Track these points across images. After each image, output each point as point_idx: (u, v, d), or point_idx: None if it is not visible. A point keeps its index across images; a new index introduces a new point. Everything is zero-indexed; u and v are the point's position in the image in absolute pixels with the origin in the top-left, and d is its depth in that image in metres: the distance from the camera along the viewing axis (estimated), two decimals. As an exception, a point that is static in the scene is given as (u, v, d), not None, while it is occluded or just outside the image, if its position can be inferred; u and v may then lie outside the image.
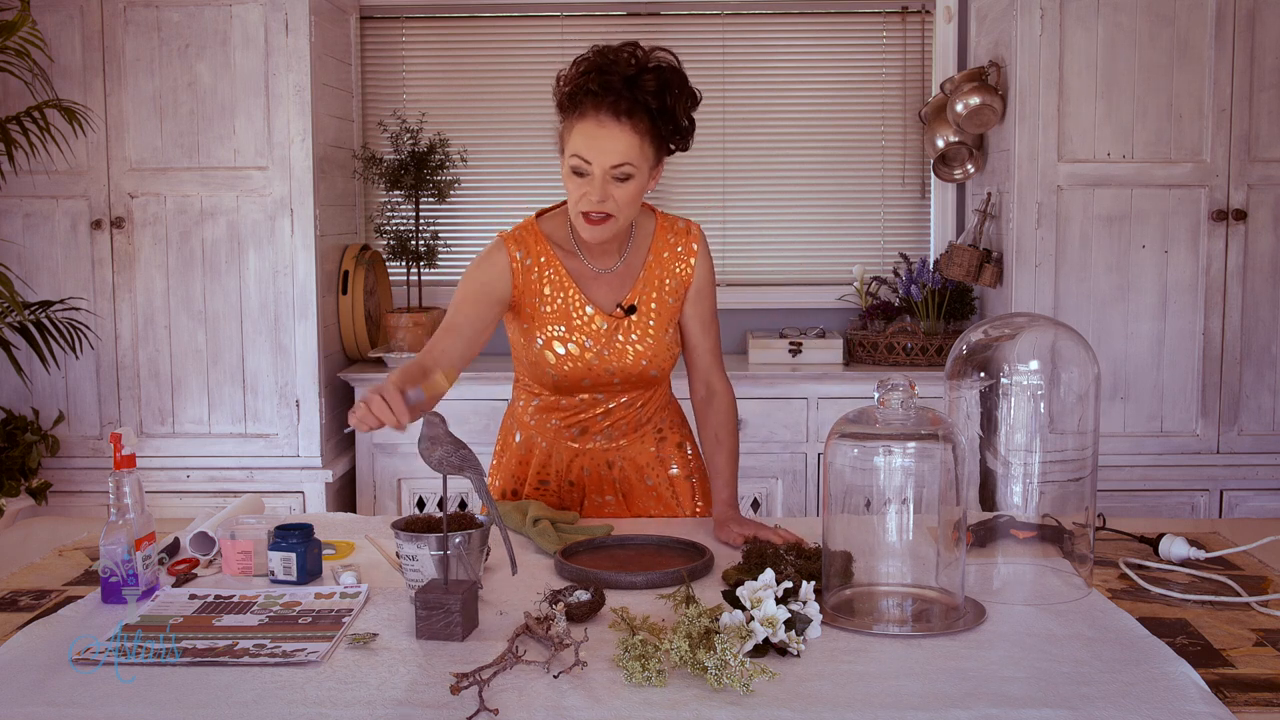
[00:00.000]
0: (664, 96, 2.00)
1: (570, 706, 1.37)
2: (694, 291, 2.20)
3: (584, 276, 2.16)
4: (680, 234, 2.21)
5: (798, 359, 3.94)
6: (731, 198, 4.28)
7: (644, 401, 2.26)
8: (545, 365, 2.15)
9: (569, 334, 2.14)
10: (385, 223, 4.03)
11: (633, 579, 1.77)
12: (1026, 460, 1.81)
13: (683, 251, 2.19)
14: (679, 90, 2.02)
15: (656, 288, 2.18)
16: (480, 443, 3.78)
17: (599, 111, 1.97)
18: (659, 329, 2.17)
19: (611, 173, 1.99)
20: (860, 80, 4.26)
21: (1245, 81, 3.56)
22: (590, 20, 4.23)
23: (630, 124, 1.98)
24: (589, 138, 1.98)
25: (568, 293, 2.14)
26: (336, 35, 3.96)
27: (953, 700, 1.37)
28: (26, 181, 3.63)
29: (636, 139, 1.99)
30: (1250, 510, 3.69)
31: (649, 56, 2.01)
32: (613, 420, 2.24)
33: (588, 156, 1.98)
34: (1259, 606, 1.70)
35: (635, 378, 2.19)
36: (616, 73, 1.97)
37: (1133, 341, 3.65)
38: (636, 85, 1.97)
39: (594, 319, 2.14)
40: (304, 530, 1.84)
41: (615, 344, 2.16)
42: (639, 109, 1.98)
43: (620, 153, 1.98)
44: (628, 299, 2.16)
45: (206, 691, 1.42)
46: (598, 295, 2.16)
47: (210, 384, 3.71)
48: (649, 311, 2.17)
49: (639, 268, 2.18)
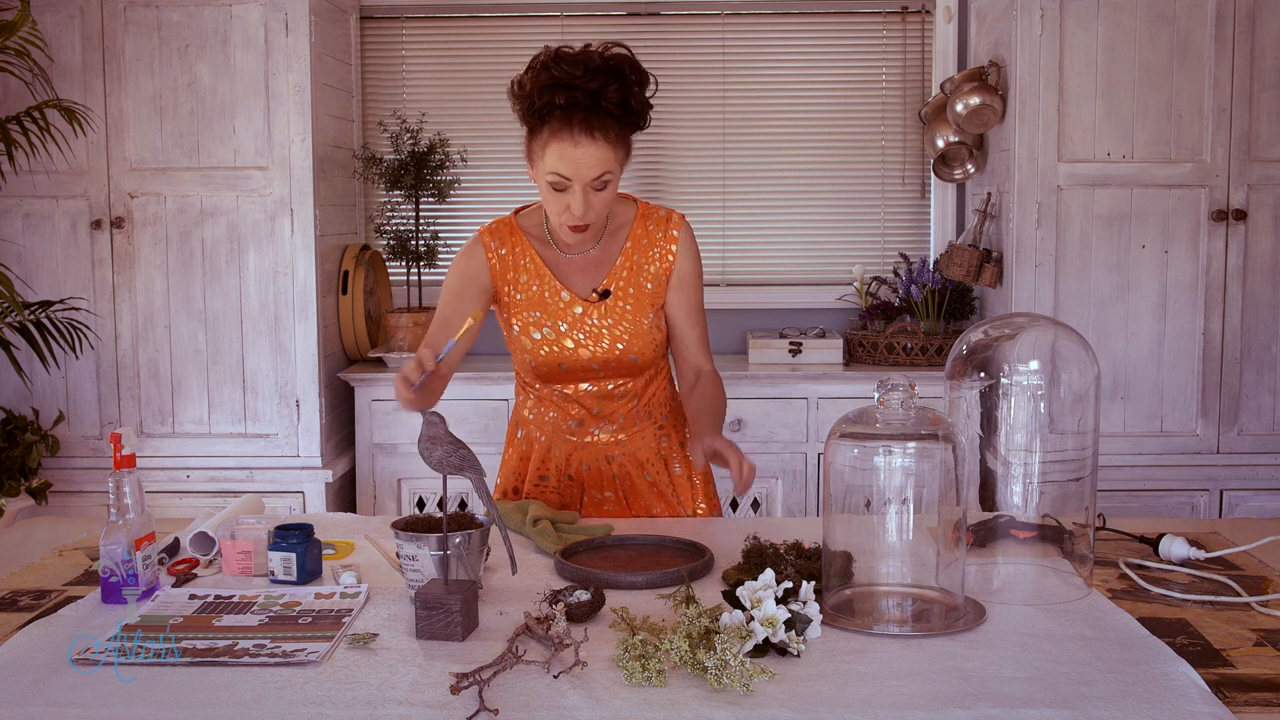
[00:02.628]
0: (627, 102, 2.04)
1: (570, 706, 1.37)
2: (676, 279, 2.23)
3: (559, 264, 2.22)
4: (660, 222, 2.23)
5: (798, 359, 3.94)
6: (731, 198, 4.28)
7: (638, 393, 2.26)
8: (524, 351, 2.21)
9: (544, 318, 2.19)
10: (385, 223, 4.03)
11: (633, 579, 1.77)
12: (1026, 460, 1.81)
13: (662, 239, 2.22)
14: (638, 87, 2.07)
15: (633, 273, 2.21)
16: (480, 443, 3.79)
17: (571, 130, 2.02)
18: (635, 314, 2.20)
19: (592, 185, 2.06)
20: (860, 80, 4.26)
21: (1245, 81, 3.56)
22: (590, 20, 4.23)
23: (603, 137, 2.03)
24: (564, 157, 2.03)
25: (544, 279, 2.20)
26: (336, 35, 3.96)
27: (953, 700, 1.37)
28: (26, 181, 3.63)
29: (609, 148, 2.04)
30: (1250, 510, 3.69)
31: (605, 61, 2.03)
32: (607, 413, 2.25)
33: (567, 174, 2.04)
34: (1259, 606, 1.70)
35: (615, 364, 2.21)
36: (579, 87, 2.01)
37: (1133, 341, 3.65)
38: (601, 97, 2.02)
39: (570, 305, 2.19)
40: (304, 530, 1.84)
41: (589, 327, 2.20)
42: (609, 120, 2.04)
43: (598, 164, 2.04)
44: (603, 284, 2.20)
45: (206, 691, 1.42)
46: (574, 281, 2.21)
47: (210, 384, 3.71)
48: (625, 296, 2.20)
49: (615, 254, 2.22)
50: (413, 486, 3.88)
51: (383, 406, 3.84)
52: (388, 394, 3.83)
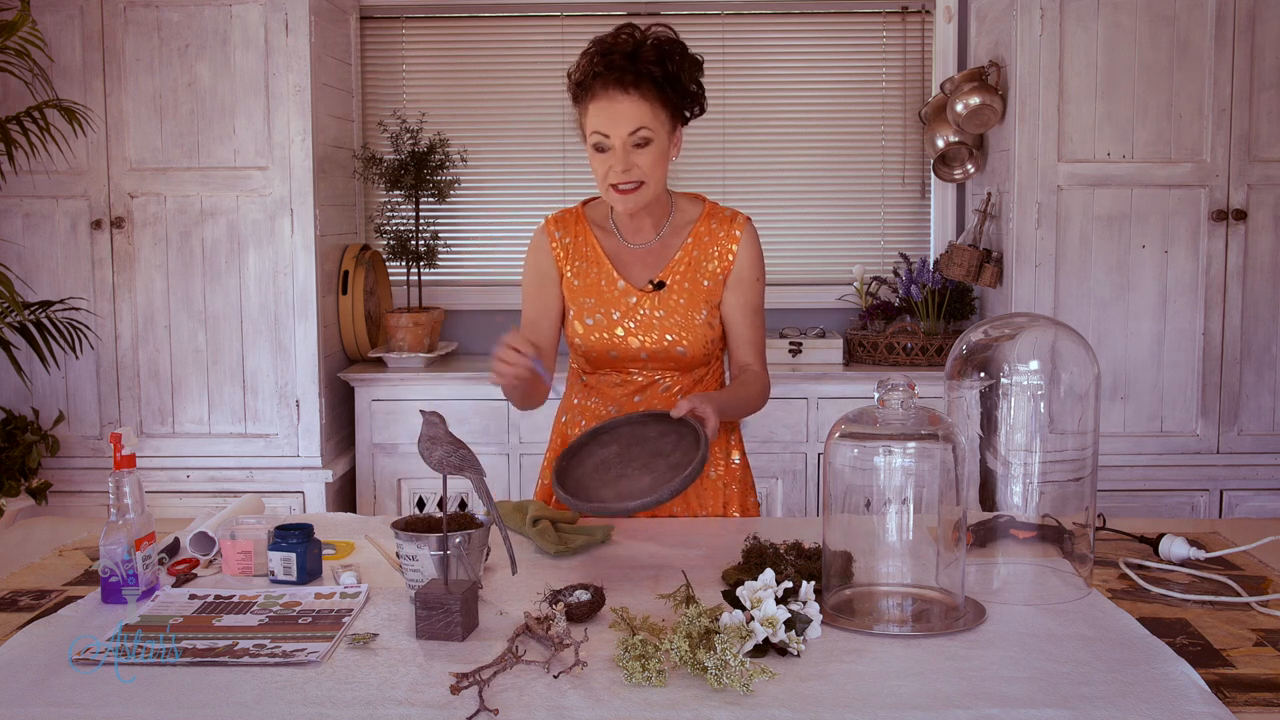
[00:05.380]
0: (665, 64, 2.12)
1: (570, 706, 1.37)
2: (734, 279, 2.26)
3: (619, 253, 2.28)
4: (724, 221, 2.28)
5: (798, 359, 3.94)
6: (731, 198, 4.28)
7: (683, 387, 2.27)
8: (575, 336, 2.27)
9: (598, 305, 2.25)
10: (385, 223, 4.03)
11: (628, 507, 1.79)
12: (1026, 460, 1.81)
13: (725, 238, 2.27)
14: (679, 57, 2.15)
15: (691, 268, 2.25)
16: (480, 443, 3.79)
17: (608, 88, 2.11)
18: (689, 308, 2.23)
19: (630, 140, 2.11)
20: (860, 80, 4.26)
21: (1245, 81, 3.56)
22: (590, 20, 4.23)
23: (638, 93, 2.10)
24: (603, 113, 2.11)
25: (601, 266, 2.26)
26: (336, 35, 3.96)
27: (953, 700, 1.37)
28: (26, 181, 3.63)
29: (647, 105, 2.11)
30: (1250, 510, 3.69)
31: (646, 34, 2.14)
32: (649, 404, 2.27)
33: (605, 130, 2.11)
34: (1259, 606, 1.70)
35: (663, 355, 2.24)
36: (618, 52, 2.11)
37: (1133, 341, 3.65)
38: (637, 59, 2.10)
39: (625, 293, 2.24)
40: (304, 530, 1.84)
41: (641, 317, 2.24)
42: (644, 79, 2.11)
43: (634, 119, 2.10)
44: (659, 276, 2.25)
45: (206, 691, 1.42)
46: (631, 271, 2.27)
47: (210, 384, 3.71)
48: (681, 290, 2.24)
49: (676, 248, 2.26)
50: (413, 486, 3.88)
51: (383, 406, 3.84)
52: (388, 394, 3.83)
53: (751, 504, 2.38)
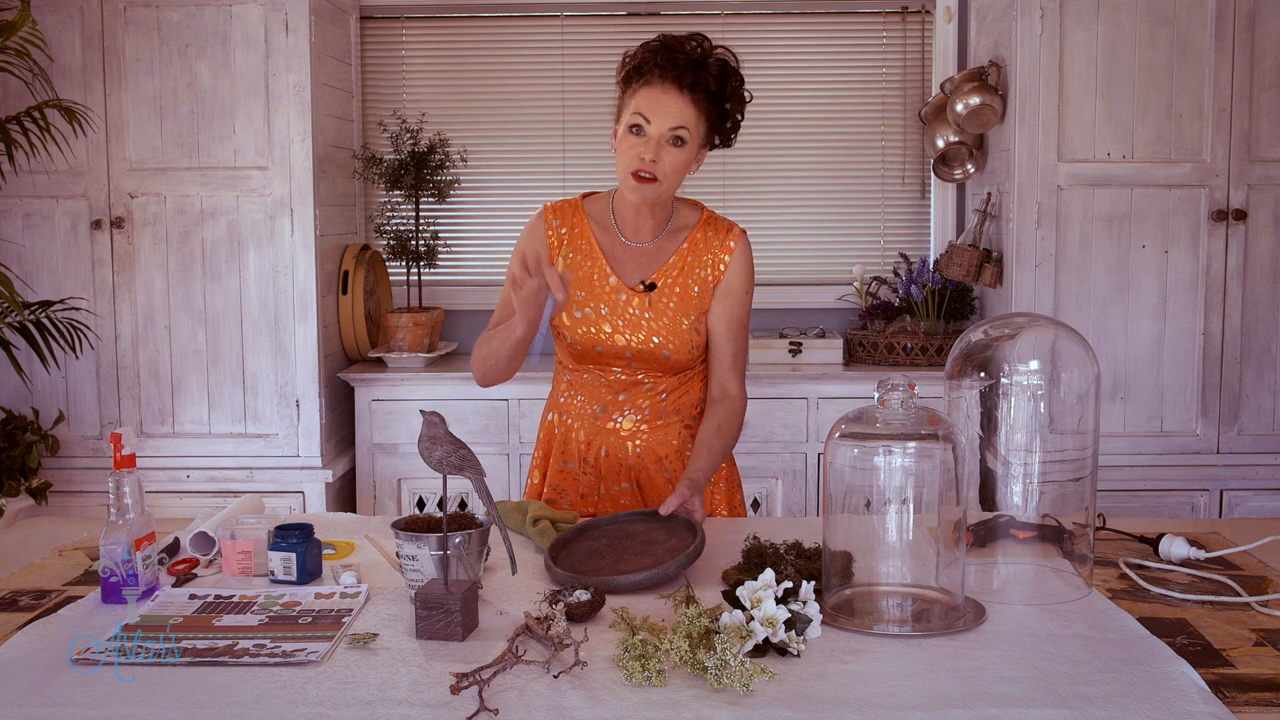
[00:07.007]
0: (725, 82, 2.16)
1: (570, 706, 1.37)
2: (722, 290, 2.27)
3: (614, 250, 2.28)
4: (721, 231, 2.29)
5: (798, 359, 3.94)
6: (731, 198, 4.28)
7: (668, 389, 2.28)
8: (562, 328, 2.26)
9: (588, 299, 2.25)
10: (385, 223, 4.03)
11: (631, 580, 1.75)
12: (1026, 460, 1.81)
13: (719, 248, 2.27)
14: (737, 83, 2.19)
15: (683, 274, 2.26)
16: (480, 443, 3.79)
17: (665, 80, 2.12)
18: (677, 313, 2.24)
19: (668, 134, 2.12)
20: (860, 80, 4.26)
21: (1245, 81, 3.56)
22: (590, 20, 4.23)
23: (691, 97, 2.13)
24: (652, 100, 2.12)
25: (595, 261, 2.26)
26: (336, 35, 3.96)
27: (953, 700, 1.37)
28: (26, 181, 3.63)
29: (694, 111, 2.13)
30: (1250, 510, 3.69)
31: (714, 49, 2.18)
32: (634, 403, 2.27)
33: (649, 115, 2.12)
34: (1259, 606, 1.70)
35: (648, 355, 2.24)
36: (684, 54, 2.14)
37: (1133, 341, 3.65)
38: (702, 66, 2.14)
39: (616, 291, 2.24)
40: (304, 530, 1.84)
41: (629, 316, 2.24)
42: (700, 87, 2.13)
43: (679, 116, 2.12)
44: (652, 277, 2.26)
45: (206, 691, 1.42)
46: (624, 269, 2.27)
47: (210, 384, 3.71)
48: (671, 294, 2.25)
49: (670, 252, 2.27)
50: (413, 486, 3.88)
51: (383, 406, 3.84)
52: (388, 394, 3.83)
53: (738, 502, 2.40)
